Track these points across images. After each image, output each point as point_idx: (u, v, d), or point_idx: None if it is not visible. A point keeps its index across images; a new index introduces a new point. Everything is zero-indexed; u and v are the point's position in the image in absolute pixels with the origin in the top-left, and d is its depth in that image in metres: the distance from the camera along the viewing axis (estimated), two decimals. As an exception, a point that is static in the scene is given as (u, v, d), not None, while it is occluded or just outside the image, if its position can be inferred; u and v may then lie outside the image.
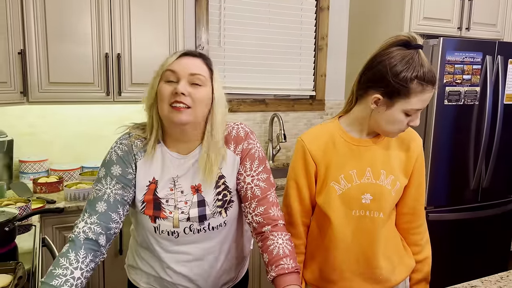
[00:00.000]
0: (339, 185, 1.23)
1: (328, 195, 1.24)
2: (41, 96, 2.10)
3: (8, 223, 1.40)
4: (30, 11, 2.02)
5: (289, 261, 1.10)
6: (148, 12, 2.23)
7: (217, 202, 1.17)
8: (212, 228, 1.18)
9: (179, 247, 1.18)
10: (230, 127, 1.22)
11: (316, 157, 1.25)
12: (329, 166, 1.25)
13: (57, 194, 2.11)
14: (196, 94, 1.10)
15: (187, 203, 1.15)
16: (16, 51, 2.00)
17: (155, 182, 1.16)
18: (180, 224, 1.15)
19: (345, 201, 1.23)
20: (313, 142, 1.26)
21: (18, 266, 1.22)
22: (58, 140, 2.45)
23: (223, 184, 1.18)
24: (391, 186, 1.24)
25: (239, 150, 1.20)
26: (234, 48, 2.85)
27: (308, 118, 3.13)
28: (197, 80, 1.11)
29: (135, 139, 1.18)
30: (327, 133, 1.28)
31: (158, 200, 1.15)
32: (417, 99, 1.14)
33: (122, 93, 2.23)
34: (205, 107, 1.13)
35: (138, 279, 1.28)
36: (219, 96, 1.15)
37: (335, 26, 3.12)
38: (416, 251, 1.36)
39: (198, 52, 1.18)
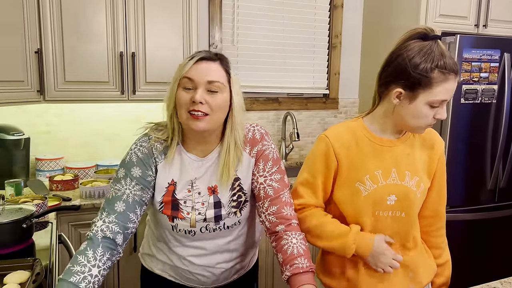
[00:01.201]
0: (365, 186, 1.21)
1: (354, 196, 1.22)
2: (57, 94, 2.12)
3: (26, 220, 1.42)
4: (47, 10, 2.05)
5: (304, 261, 1.09)
6: (162, 11, 2.24)
7: (232, 203, 1.19)
8: (227, 227, 1.21)
9: (195, 243, 1.22)
10: (247, 129, 1.22)
11: (339, 154, 1.23)
12: (352, 166, 1.23)
13: (72, 192, 2.13)
14: (214, 101, 1.10)
15: (204, 204, 1.18)
16: (33, 50, 2.03)
17: (174, 184, 1.18)
18: (197, 224, 1.18)
19: (371, 202, 1.22)
20: (337, 140, 1.24)
21: (36, 263, 1.23)
22: (74, 138, 2.47)
23: (238, 186, 1.19)
24: (416, 188, 1.22)
25: (254, 152, 1.21)
26: (247, 46, 2.85)
27: (321, 116, 3.11)
28: (214, 88, 1.11)
29: (155, 142, 1.19)
30: (350, 131, 1.26)
31: (176, 201, 1.17)
32: (440, 89, 1.10)
33: (137, 91, 2.25)
34: (222, 113, 1.13)
35: (154, 266, 1.31)
36: (238, 100, 1.15)
37: (349, 24, 3.09)
38: (437, 254, 1.34)
39: (215, 55, 1.15)
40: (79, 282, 0.99)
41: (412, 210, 1.24)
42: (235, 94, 1.14)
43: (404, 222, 1.24)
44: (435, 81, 1.10)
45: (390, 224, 1.24)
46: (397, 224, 1.24)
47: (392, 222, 1.24)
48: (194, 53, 1.16)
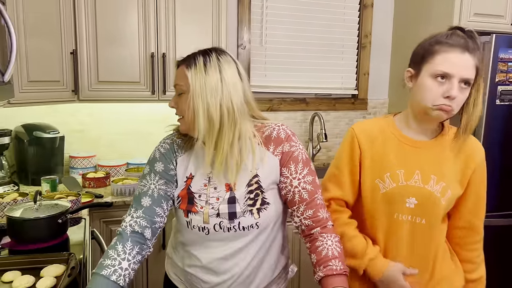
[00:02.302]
0: (383, 183, 1.19)
1: (373, 192, 1.21)
2: (90, 94, 2.19)
3: (61, 216, 1.47)
4: (82, 13, 2.11)
5: (338, 263, 1.08)
6: (192, 12, 2.27)
7: (248, 201, 1.15)
8: (242, 228, 1.15)
9: (209, 243, 1.18)
10: (271, 128, 1.19)
11: (363, 145, 1.23)
12: (375, 160, 1.22)
13: (104, 189, 2.19)
14: (180, 104, 1.15)
15: (218, 199, 1.16)
16: (68, 51, 2.10)
17: (191, 178, 1.19)
18: (210, 219, 1.15)
19: (388, 201, 1.19)
20: (362, 131, 1.25)
21: (71, 257, 1.28)
22: (105, 137, 2.54)
23: (256, 183, 1.16)
24: (441, 194, 1.17)
25: (278, 151, 1.17)
26: (275, 47, 2.85)
27: (350, 117, 3.08)
28: (178, 90, 1.15)
29: (177, 138, 1.24)
30: (378, 126, 1.25)
31: (192, 194, 1.18)
32: (442, 59, 1.09)
33: (167, 91, 2.28)
34: (191, 113, 1.11)
35: (169, 268, 1.33)
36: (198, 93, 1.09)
37: (379, 24, 3.04)
38: (469, 269, 1.26)
39: (185, 57, 1.15)
40: (110, 275, 1.03)
41: (434, 218, 1.19)
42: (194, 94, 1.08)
43: (424, 230, 1.19)
44: (436, 51, 1.11)
45: (407, 231, 1.20)
46: (416, 231, 1.19)
47: (410, 229, 1.20)
48: None
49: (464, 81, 1.10)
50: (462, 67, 1.08)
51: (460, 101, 1.12)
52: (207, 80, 1.08)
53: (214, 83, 1.09)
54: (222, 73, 1.10)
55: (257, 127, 1.20)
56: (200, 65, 1.10)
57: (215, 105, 1.08)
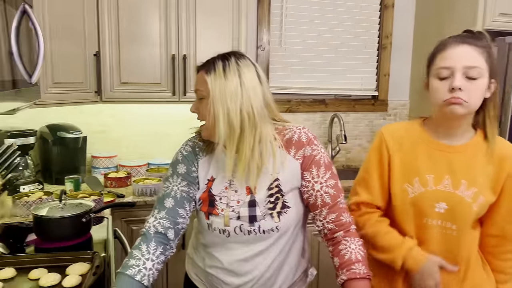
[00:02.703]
0: (412, 188, 1.18)
1: (401, 196, 1.20)
2: (112, 95, 2.22)
3: (85, 215, 1.50)
4: (105, 16, 2.15)
5: (361, 267, 1.08)
6: (213, 14, 2.28)
7: (268, 204, 1.15)
8: (263, 231, 1.15)
9: (230, 245, 1.18)
10: (292, 131, 1.19)
11: (391, 148, 1.22)
12: (404, 164, 1.20)
13: (125, 189, 2.22)
14: (200, 109, 1.15)
15: (239, 202, 1.16)
16: (91, 53, 2.14)
17: (212, 180, 1.20)
18: (231, 222, 1.15)
19: (417, 206, 1.18)
20: (391, 134, 1.25)
21: (95, 256, 1.30)
22: (126, 137, 2.58)
23: (277, 187, 1.16)
24: (472, 199, 1.15)
25: (299, 155, 1.17)
26: (294, 48, 2.84)
27: (370, 119, 3.05)
28: (199, 95, 1.15)
29: (199, 141, 1.25)
30: (407, 129, 1.24)
31: (213, 197, 1.18)
32: (439, 58, 1.14)
33: (187, 93, 2.30)
34: (212, 118, 1.11)
35: (190, 269, 1.34)
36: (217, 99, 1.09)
37: (400, 24, 3.01)
38: (501, 279, 1.23)
39: (205, 62, 1.16)
40: (135, 275, 1.05)
41: (464, 223, 1.16)
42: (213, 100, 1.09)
43: (454, 236, 1.17)
44: (434, 54, 1.16)
45: (437, 237, 1.18)
46: (446, 237, 1.18)
47: (440, 234, 1.18)
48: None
49: (469, 70, 1.09)
50: (460, 57, 1.10)
51: (472, 92, 1.10)
52: (226, 85, 1.09)
53: (233, 88, 1.09)
54: (241, 77, 1.10)
55: (278, 130, 1.19)
56: (219, 70, 1.10)
57: (235, 110, 1.08)
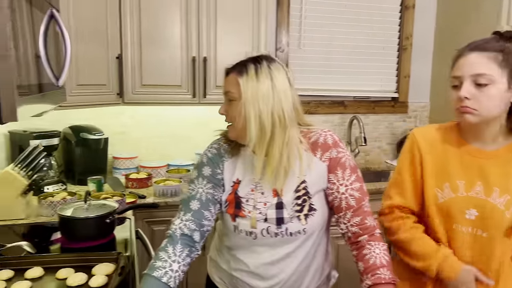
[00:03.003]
0: (442, 193, 1.17)
1: (431, 201, 1.18)
2: (134, 97, 2.25)
3: (109, 216, 1.52)
4: (127, 18, 2.18)
5: (386, 272, 1.07)
6: (233, 17, 2.30)
7: (295, 207, 1.15)
8: (290, 233, 1.15)
9: (256, 248, 1.19)
10: (318, 134, 1.19)
11: (423, 149, 1.21)
12: (436, 167, 1.19)
13: (146, 190, 2.24)
14: (230, 111, 1.16)
15: (266, 204, 1.16)
16: (114, 56, 2.17)
17: (238, 182, 1.21)
18: (258, 224, 1.16)
19: (446, 211, 1.16)
20: (423, 136, 1.24)
21: (120, 256, 1.32)
22: (146, 139, 2.61)
23: (304, 189, 1.16)
24: (505, 207, 1.12)
25: (326, 157, 1.17)
26: (313, 49, 2.84)
27: (389, 121, 3.02)
28: (229, 97, 1.15)
29: (224, 143, 1.25)
30: (440, 132, 1.23)
31: (239, 199, 1.19)
32: (454, 66, 1.14)
33: (207, 95, 2.32)
34: (243, 120, 1.12)
35: (213, 272, 1.33)
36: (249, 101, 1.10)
37: (421, 25, 2.97)
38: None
39: (235, 65, 1.17)
40: (161, 277, 1.06)
41: (496, 231, 1.14)
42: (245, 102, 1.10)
43: (486, 244, 1.15)
44: (453, 61, 1.15)
45: (468, 243, 1.16)
46: (477, 244, 1.16)
47: (470, 241, 1.16)
48: None
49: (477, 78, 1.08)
50: (467, 65, 1.10)
51: (483, 99, 1.08)
52: (259, 87, 1.09)
53: (265, 90, 1.09)
54: (273, 80, 1.10)
55: (303, 133, 1.19)
56: (252, 72, 1.11)
57: (266, 113, 1.09)
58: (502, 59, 1.07)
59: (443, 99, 2.89)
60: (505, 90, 1.09)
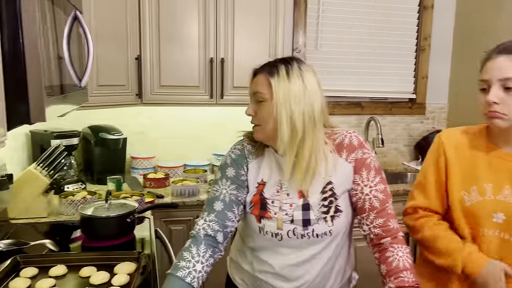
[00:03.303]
0: (469, 196, 1.15)
1: (458, 204, 1.17)
2: (152, 98, 2.27)
3: (130, 215, 1.54)
4: (146, 21, 2.20)
5: (410, 275, 1.06)
6: (251, 18, 2.30)
7: (322, 208, 1.15)
8: (316, 235, 1.15)
9: (280, 249, 1.18)
10: (343, 135, 1.19)
11: (449, 152, 1.20)
12: (462, 170, 1.18)
13: (164, 189, 2.26)
14: (259, 112, 1.15)
15: (292, 206, 1.16)
16: (133, 57, 2.19)
17: (263, 184, 1.21)
18: (284, 226, 1.16)
19: (473, 214, 1.15)
20: (450, 138, 1.23)
21: (141, 255, 1.33)
22: (164, 139, 2.63)
23: (330, 190, 1.16)
24: None
25: (351, 158, 1.17)
26: (330, 50, 2.83)
27: (407, 122, 2.99)
28: (259, 98, 1.15)
29: (247, 144, 1.25)
30: (467, 134, 1.22)
31: (265, 200, 1.18)
32: (482, 69, 1.12)
33: (224, 96, 2.33)
34: (273, 121, 1.12)
35: (235, 273, 1.33)
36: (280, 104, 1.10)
37: (440, 26, 2.94)
38: None
39: (265, 64, 1.17)
40: (185, 277, 1.06)
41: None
42: (277, 98, 1.10)
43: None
44: (482, 63, 1.12)
45: (496, 247, 1.14)
46: (504, 248, 1.14)
47: (497, 245, 1.14)
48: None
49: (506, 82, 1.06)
50: (496, 69, 1.08)
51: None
52: (290, 88, 1.10)
53: (297, 91, 1.10)
54: (304, 81, 1.11)
55: (327, 134, 1.19)
56: (283, 73, 1.11)
57: (298, 113, 1.09)
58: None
59: (461, 101, 2.85)
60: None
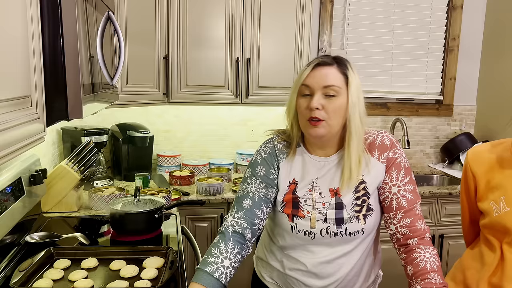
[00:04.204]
0: (497, 206, 1.14)
1: (487, 215, 1.16)
2: (179, 97, 2.31)
3: (158, 211, 1.57)
4: (174, 21, 2.24)
5: (437, 277, 1.06)
6: (277, 17, 2.31)
7: (355, 207, 1.16)
8: (349, 233, 1.16)
9: (312, 247, 1.19)
10: (374, 135, 1.20)
11: (476, 172, 1.20)
12: (490, 184, 1.16)
13: (189, 187, 2.30)
14: (330, 106, 1.11)
15: (324, 205, 1.17)
16: (161, 56, 2.23)
17: (295, 183, 1.20)
18: (317, 224, 1.16)
19: (501, 225, 1.13)
20: (477, 156, 1.22)
21: (169, 251, 1.36)
22: (189, 138, 2.67)
23: (364, 189, 1.16)
24: None
25: (383, 158, 1.18)
26: (356, 50, 2.81)
27: (433, 123, 2.94)
28: (331, 92, 1.11)
29: (278, 143, 1.25)
30: (495, 149, 1.20)
31: (297, 199, 1.19)
32: None
33: (249, 95, 2.35)
34: (340, 117, 1.12)
35: (263, 272, 1.33)
36: (355, 102, 1.12)
37: (469, 26, 2.88)
38: None
39: (332, 59, 1.16)
40: (213, 272, 1.07)
41: None
42: (352, 96, 1.12)
43: None
44: None
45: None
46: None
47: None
48: (313, 59, 1.19)
49: None
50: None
51: None
52: (359, 86, 1.13)
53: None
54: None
55: None
56: (351, 69, 1.14)
57: (362, 110, 1.14)
58: None
59: (490, 102, 2.79)
60: None
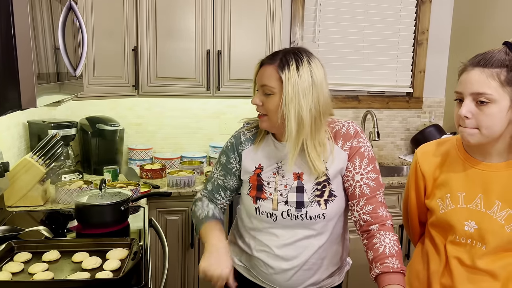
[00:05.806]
0: (443, 204, 1.16)
1: (433, 212, 1.19)
2: (149, 89, 2.29)
3: (124, 203, 1.56)
4: (143, 13, 2.21)
5: (395, 261, 1.08)
6: (247, 10, 2.31)
7: (315, 191, 1.20)
8: (309, 217, 1.19)
9: (277, 230, 1.23)
10: (341, 124, 1.23)
11: (426, 171, 1.22)
12: (437, 182, 1.19)
13: (160, 180, 2.29)
14: (266, 103, 1.17)
15: (286, 187, 1.21)
16: (130, 48, 2.21)
17: (261, 168, 1.25)
18: (279, 206, 1.21)
19: (446, 222, 1.15)
20: (425, 154, 1.24)
21: (133, 242, 1.35)
22: (161, 131, 2.65)
23: (325, 175, 1.20)
24: (506, 222, 1.08)
25: (347, 146, 1.20)
26: (328, 43, 2.83)
27: (403, 116, 3.00)
28: (266, 90, 1.16)
29: (246, 131, 1.31)
30: (443, 147, 1.22)
31: (261, 182, 1.24)
32: (458, 83, 1.09)
33: (221, 88, 2.34)
34: (277, 113, 1.15)
35: (233, 255, 1.36)
36: (290, 99, 1.12)
37: (438, 20, 2.94)
38: None
39: (274, 56, 1.17)
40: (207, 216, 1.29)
41: (494, 245, 1.09)
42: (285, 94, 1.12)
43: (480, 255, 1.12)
44: (458, 75, 1.10)
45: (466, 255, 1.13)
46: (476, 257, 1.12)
47: (469, 253, 1.13)
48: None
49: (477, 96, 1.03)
50: (468, 83, 1.04)
51: (484, 119, 1.03)
52: (300, 85, 1.11)
53: (306, 86, 1.12)
54: (312, 76, 1.13)
55: (327, 122, 1.23)
56: (294, 68, 1.12)
57: (306, 109, 1.12)
58: (506, 77, 1.01)
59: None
60: (508, 108, 1.03)
